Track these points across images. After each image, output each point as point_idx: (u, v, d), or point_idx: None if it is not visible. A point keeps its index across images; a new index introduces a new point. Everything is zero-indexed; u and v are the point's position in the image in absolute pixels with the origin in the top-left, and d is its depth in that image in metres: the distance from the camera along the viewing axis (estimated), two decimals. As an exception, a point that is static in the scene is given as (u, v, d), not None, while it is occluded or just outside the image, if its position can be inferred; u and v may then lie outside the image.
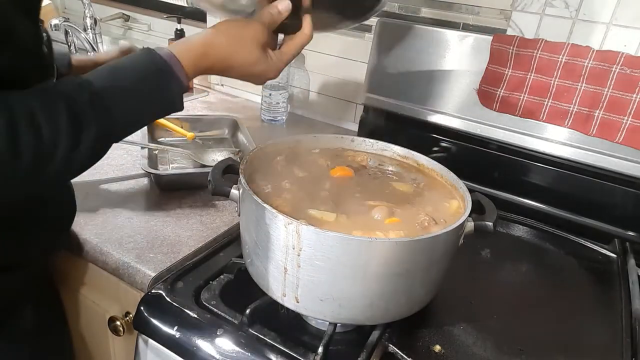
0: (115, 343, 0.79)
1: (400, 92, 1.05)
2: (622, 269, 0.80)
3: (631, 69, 0.81)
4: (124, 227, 0.75)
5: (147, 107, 0.55)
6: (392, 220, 0.59)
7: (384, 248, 0.52)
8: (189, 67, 0.56)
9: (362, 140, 0.77)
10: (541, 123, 0.92)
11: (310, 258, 0.52)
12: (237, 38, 0.59)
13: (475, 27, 1.00)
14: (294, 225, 0.51)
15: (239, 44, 0.59)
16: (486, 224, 0.59)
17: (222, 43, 0.58)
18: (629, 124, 0.84)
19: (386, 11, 1.09)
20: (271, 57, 0.62)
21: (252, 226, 0.58)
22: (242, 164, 0.63)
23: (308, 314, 0.58)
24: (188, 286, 0.66)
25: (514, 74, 0.91)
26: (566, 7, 0.89)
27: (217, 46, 0.58)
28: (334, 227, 0.55)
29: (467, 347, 0.62)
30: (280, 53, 0.63)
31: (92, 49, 1.51)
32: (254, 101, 1.37)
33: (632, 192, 0.88)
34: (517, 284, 0.77)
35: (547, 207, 0.96)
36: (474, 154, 1.00)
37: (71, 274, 0.79)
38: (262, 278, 0.59)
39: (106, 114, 0.49)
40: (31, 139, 0.43)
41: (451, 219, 0.59)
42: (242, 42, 0.59)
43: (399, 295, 0.56)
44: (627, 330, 0.66)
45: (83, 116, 0.47)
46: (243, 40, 0.59)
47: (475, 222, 0.59)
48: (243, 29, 0.59)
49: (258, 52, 0.60)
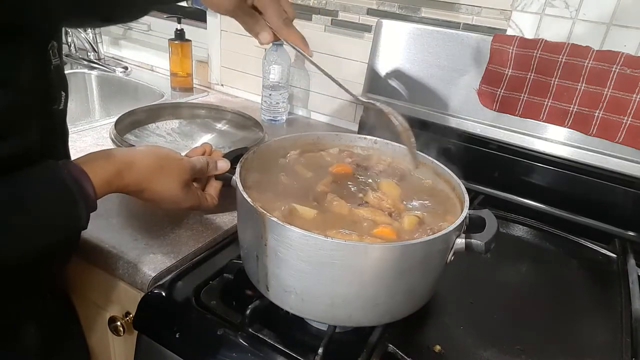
0: (115, 343, 0.79)
1: (400, 92, 1.05)
2: (622, 269, 0.80)
3: (631, 69, 0.81)
4: (124, 227, 0.75)
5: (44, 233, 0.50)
6: (379, 230, 0.58)
7: (339, 249, 0.50)
8: (100, 186, 0.53)
9: (385, 143, 0.76)
10: (541, 123, 0.92)
11: (274, 249, 0.53)
12: (159, 167, 0.60)
13: (475, 27, 1.00)
14: (261, 216, 0.52)
15: (158, 174, 0.60)
16: (477, 242, 0.54)
17: (142, 166, 0.58)
18: (629, 124, 0.84)
19: (386, 11, 1.10)
20: (193, 192, 0.64)
21: (240, 214, 0.62)
22: (247, 154, 0.65)
23: (277, 303, 0.58)
24: (188, 286, 0.65)
25: (514, 74, 0.91)
26: (566, 7, 0.89)
27: (137, 168, 0.58)
28: (310, 224, 0.57)
29: (467, 347, 0.62)
30: (202, 193, 0.67)
31: (92, 49, 1.51)
32: (254, 101, 1.37)
33: (632, 192, 0.88)
34: (517, 284, 0.77)
35: (547, 207, 0.96)
36: (474, 154, 1.00)
37: (71, 275, 0.79)
38: (246, 262, 0.62)
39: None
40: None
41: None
42: (162, 174, 0.60)
43: (361, 299, 0.55)
44: (627, 330, 0.66)
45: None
46: (163, 172, 0.60)
47: (466, 240, 0.55)
48: (169, 162, 0.61)
49: (175, 186, 0.61)
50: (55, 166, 0.51)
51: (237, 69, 1.40)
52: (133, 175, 0.57)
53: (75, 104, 1.50)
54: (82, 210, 0.51)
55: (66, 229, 0.53)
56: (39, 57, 0.51)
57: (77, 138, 1.03)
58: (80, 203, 0.51)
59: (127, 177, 0.57)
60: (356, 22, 1.15)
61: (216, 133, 1.11)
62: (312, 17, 1.20)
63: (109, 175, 0.55)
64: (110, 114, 1.45)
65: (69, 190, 0.50)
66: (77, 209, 0.51)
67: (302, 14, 1.22)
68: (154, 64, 1.56)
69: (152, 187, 0.60)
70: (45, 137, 0.54)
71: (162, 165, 0.60)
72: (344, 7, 1.15)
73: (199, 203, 0.66)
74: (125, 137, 0.99)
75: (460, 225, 0.55)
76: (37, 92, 0.51)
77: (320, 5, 1.18)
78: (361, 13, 1.13)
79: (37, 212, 0.48)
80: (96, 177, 0.53)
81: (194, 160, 0.64)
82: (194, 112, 1.15)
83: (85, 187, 0.51)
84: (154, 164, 0.60)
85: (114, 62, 1.56)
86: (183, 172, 0.62)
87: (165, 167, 0.60)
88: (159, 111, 1.11)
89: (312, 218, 0.59)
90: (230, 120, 1.15)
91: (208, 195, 0.68)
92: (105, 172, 0.54)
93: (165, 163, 0.61)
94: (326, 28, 1.20)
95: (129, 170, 0.57)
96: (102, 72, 1.50)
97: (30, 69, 0.49)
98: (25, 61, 0.48)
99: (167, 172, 0.60)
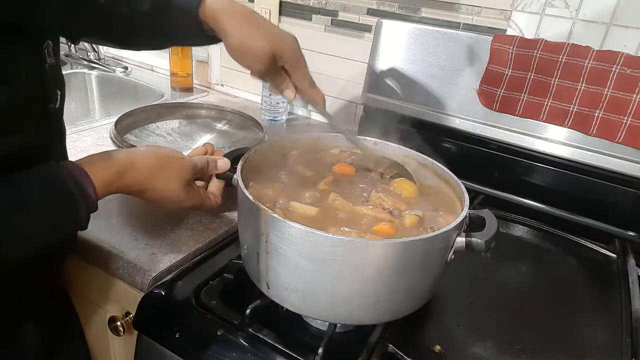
0: (115, 343, 0.79)
1: (400, 92, 1.05)
2: (622, 269, 0.80)
3: (631, 69, 0.81)
4: (124, 227, 0.75)
5: (45, 232, 0.50)
6: (380, 228, 0.59)
7: (340, 245, 0.50)
8: (101, 187, 0.53)
9: (385, 144, 0.76)
10: (541, 123, 0.92)
11: (275, 246, 0.53)
12: (160, 167, 0.60)
13: (475, 27, 1.00)
14: (262, 212, 0.52)
15: (160, 174, 0.60)
16: (477, 241, 0.55)
17: (143, 166, 0.58)
18: (629, 124, 0.84)
19: (386, 11, 1.10)
20: (195, 191, 0.64)
21: (240, 212, 0.62)
22: (249, 153, 0.65)
23: (278, 301, 0.58)
24: (188, 286, 0.65)
25: (514, 74, 0.91)
26: (566, 7, 0.89)
27: (138, 168, 0.58)
28: (311, 221, 0.57)
29: (467, 347, 0.62)
30: (204, 192, 0.67)
31: (92, 49, 1.51)
32: (254, 101, 1.37)
33: (632, 192, 0.88)
34: (517, 284, 0.77)
35: (547, 207, 0.96)
36: (474, 154, 1.00)
37: (71, 275, 0.79)
38: (246, 261, 0.62)
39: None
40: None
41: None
42: (164, 173, 0.60)
43: (361, 296, 0.55)
44: (627, 330, 0.66)
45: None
46: (165, 172, 0.60)
47: (466, 239, 0.55)
48: (170, 161, 0.61)
49: (177, 186, 0.61)
50: (55, 167, 0.51)
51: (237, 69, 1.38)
52: (134, 176, 0.57)
53: (75, 104, 1.50)
54: (82, 211, 0.51)
55: (66, 229, 0.54)
56: (34, 56, 0.51)
57: (77, 138, 1.03)
58: (80, 203, 0.51)
59: (128, 177, 0.57)
60: (356, 22, 1.15)
61: (216, 133, 1.11)
62: (312, 17, 1.20)
63: (110, 175, 0.55)
64: (110, 114, 1.45)
65: (69, 190, 0.50)
66: (77, 209, 0.51)
67: (302, 14, 1.22)
68: (154, 64, 1.56)
69: (154, 186, 0.60)
70: (42, 135, 0.54)
71: (164, 165, 0.60)
72: (344, 7, 1.15)
73: (201, 202, 0.66)
74: (125, 137, 0.99)
75: (460, 223, 0.55)
76: (32, 91, 0.51)
77: (320, 5, 1.18)
78: (361, 13, 1.13)
79: (37, 212, 0.48)
80: (97, 177, 0.53)
81: (195, 159, 0.65)
82: (194, 112, 1.15)
83: (85, 187, 0.51)
84: (155, 163, 0.60)
85: (114, 62, 1.56)
86: (184, 172, 0.62)
87: (166, 166, 0.60)
88: (159, 111, 1.11)
89: (313, 216, 0.59)
90: (230, 120, 1.15)
91: (211, 194, 0.68)
92: (106, 172, 0.54)
93: (166, 162, 0.61)
94: (326, 28, 1.20)
95: (130, 171, 0.57)
96: (102, 72, 1.50)
97: (25, 67, 0.49)
98: (19, 59, 0.48)
99: (168, 171, 0.60)
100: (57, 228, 0.51)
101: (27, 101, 0.50)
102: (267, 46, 0.65)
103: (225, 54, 0.69)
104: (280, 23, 1.25)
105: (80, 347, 0.83)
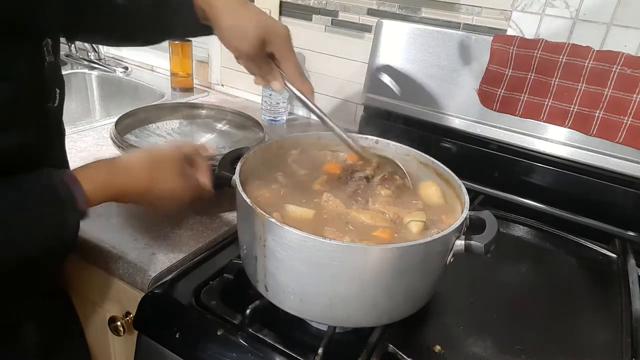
0: (115, 343, 0.79)
1: (400, 92, 1.05)
2: (622, 269, 0.80)
3: (631, 69, 0.81)
4: (124, 227, 0.75)
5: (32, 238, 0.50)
6: (379, 232, 0.58)
7: (337, 250, 0.50)
8: (95, 191, 0.53)
9: (386, 143, 0.75)
10: (541, 123, 0.92)
11: (273, 250, 0.53)
12: (155, 163, 0.60)
13: (475, 27, 1.00)
14: (259, 217, 0.52)
15: (156, 171, 0.60)
16: (477, 244, 0.54)
17: (137, 167, 0.58)
18: (630, 124, 0.84)
19: (386, 11, 1.10)
20: (191, 179, 0.63)
21: (239, 214, 0.61)
22: (248, 153, 0.65)
23: (276, 304, 0.58)
24: (188, 286, 0.65)
25: (514, 74, 0.91)
26: (566, 7, 0.89)
27: (132, 169, 0.58)
28: (309, 225, 0.57)
29: (467, 347, 0.62)
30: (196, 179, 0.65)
31: (93, 49, 1.51)
32: (254, 101, 1.37)
33: (632, 192, 0.88)
34: (517, 284, 0.77)
35: (547, 207, 0.96)
36: (474, 154, 1.00)
37: (71, 275, 0.79)
38: (245, 263, 0.62)
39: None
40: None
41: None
42: (159, 169, 0.60)
43: (359, 299, 0.54)
44: (627, 330, 0.66)
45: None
46: (160, 167, 0.60)
47: (465, 242, 0.54)
48: (163, 156, 0.61)
49: (175, 177, 0.61)
50: (50, 172, 0.51)
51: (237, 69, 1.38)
52: (132, 176, 0.57)
53: (75, 104, 1.50)
54: (69, 216, 0.51)
55: (53, 234, 0.53)
56: (33, 54, 0.51)
57: (78, 138, 1.03)
58: (67, 208, 0.50)
59: (124, 180, 0.57)
60: (356, 22, 1.15)
61: (216, 133, 1.11)
62: (312, 17, 1.20)
63: (103, 180, 0.54)
64: (110, 114, 1.45)
65: (58, 196, 0.50)
66: (63, 215, 0.50)
67: (302, 14, 1.22)
68: (154, 64, 1.56)
69: (154, 185, 0.60)
70: (41, 135, 0.54)
71: (158, 161, 0.60)
72: (344, 7, 1.15)
73: (198, 188, 0.65)
74: (126, 137, 0.99)
75: (460, 226, 0.55)
76: (31, 88, 0.51)
77: (320, 5, 1.18)
78: (361, 13, 1.13)
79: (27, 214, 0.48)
80: (91, 183, 0.52)
81: (180, 146, 0.65)
82: (194, 112, 1.15)
83: (74, 193, 0.51)
84: (149, 161, 0.60)
85: (114, 62, 1.56)
86: (178, 161, 0.62)
87: (160, 161, 0.60)
88: (159, 111, 1.11)
89: (311, 219, 0.59)
90: (230, 120, 1.15)
91: (202, 183, 0.67)
92: (99, 177, 0.54)
93: (160, 158, 0.61)
94: (326, 28, 1.20)
95: (125, 174, 0.57)
96: (102, 72, 1.50)
97: (24, 65, 0.49)
98: (19, 57, 0.48)
99: (163, 166, 0.60)
100: (44, 232, 0.51)
101: (26, 99, 0.50)
102: (258, 29, 0.63)
103: (225, 54, 0.69)
104: (280, 23, 1.26)
105: (80, 347, 0.83)
